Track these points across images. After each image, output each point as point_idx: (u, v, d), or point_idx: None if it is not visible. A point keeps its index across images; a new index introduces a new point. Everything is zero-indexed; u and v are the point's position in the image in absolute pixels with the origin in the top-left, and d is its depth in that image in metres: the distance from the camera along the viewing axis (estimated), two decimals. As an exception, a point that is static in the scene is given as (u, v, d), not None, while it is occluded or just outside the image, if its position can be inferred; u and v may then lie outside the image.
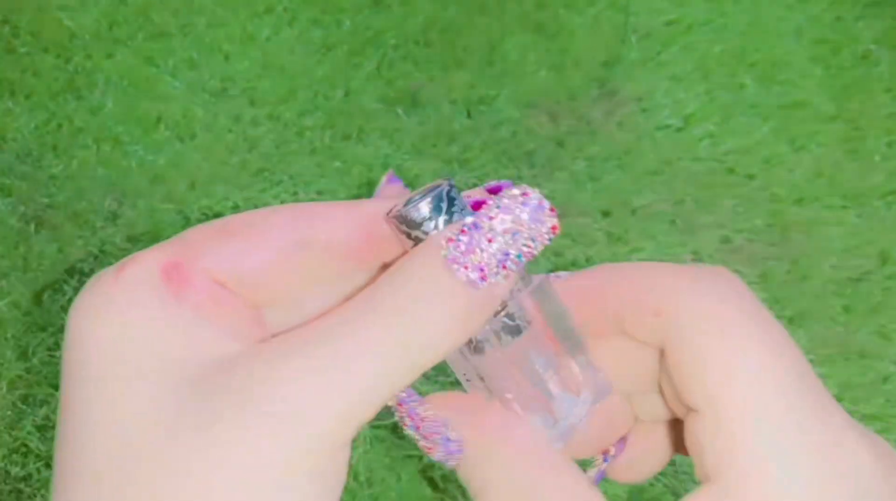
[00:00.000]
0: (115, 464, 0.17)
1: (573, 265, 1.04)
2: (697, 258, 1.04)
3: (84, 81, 1.14)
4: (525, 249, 0.19)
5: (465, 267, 0.19)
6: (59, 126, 1.11)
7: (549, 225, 0.20)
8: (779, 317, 0.86)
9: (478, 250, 0.19)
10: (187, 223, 1.05)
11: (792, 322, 0.98)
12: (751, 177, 1.09)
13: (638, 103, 1.15)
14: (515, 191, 0.20)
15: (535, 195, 0.19)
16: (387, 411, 0.22)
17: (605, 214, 1.07)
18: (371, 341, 0.18)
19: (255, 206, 0.22)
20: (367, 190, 1.08)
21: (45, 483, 0.91)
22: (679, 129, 1.13)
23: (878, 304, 1.00)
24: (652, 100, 1.15)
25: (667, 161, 1.11)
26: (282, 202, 1.08)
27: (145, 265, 0.20)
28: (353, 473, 0.91)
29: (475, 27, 1.21)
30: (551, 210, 0.20)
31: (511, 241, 0.19)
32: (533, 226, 0.19)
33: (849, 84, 1.16)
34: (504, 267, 0.19)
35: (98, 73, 1.14)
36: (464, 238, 0.19)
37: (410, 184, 1.08)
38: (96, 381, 0.18)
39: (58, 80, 1.14)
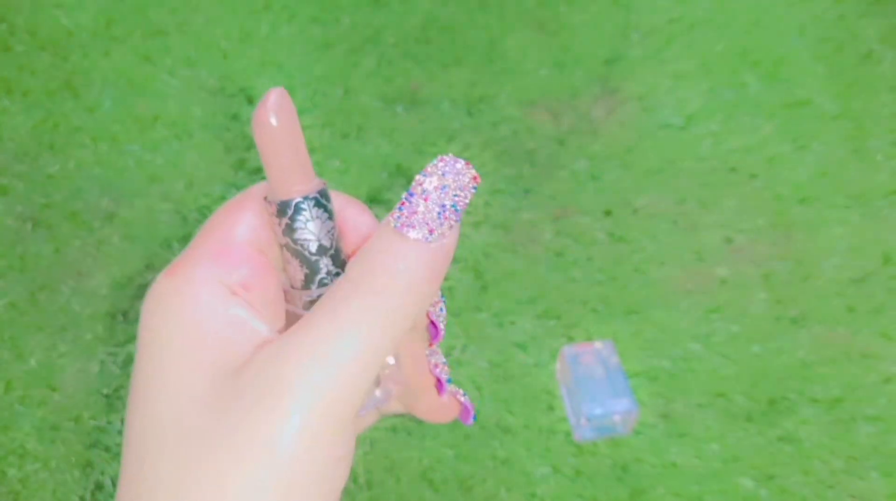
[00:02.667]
0: (169, 438, 0.22)
1: (574, 265, 1.03)
2: (700, 258, 1.03)
3: (81, 80, 1.13)
4: (457, 198, 0.23)
5: (412, 226, 0.23)
6: (56, 125, 1.10)
7: (470, 175, 0.23)
8: (782, 318, 0.85)
9: (418, 210, 0.23)
10: (185, 222, 1.04)
11: (795, 322, 0.98)
12: (753, 176, 1.09)
13: (640, 102, 1.14)
14: (434, 161, 0.24)
15: (449, 157, 0.23)
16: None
17: (607, 213, 1.06)
18: (356, 320, 0.22)
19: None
20: (366, 190, 1.07)
21: (43, 485, 0.91)
22: (681, 128, 1.12)
23: (881, 305, 0.99)
24: (654, 99, 1.14)
25: (669, 160, 1.10)
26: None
27: (197, 260, 0.24)
28: (352, 475, 0.91)
29: (475, 25, 1.21)
30: (467, 164, 0.23)
31: (443, 195, 0.23)
32: (457, 178, 0.23)
33: (852, 83, 1.16)
34: (445, 217, 0.23)
35: (95, 72, 1.14)
36: (404, 207, 0.23)
37: (409, 184, 1.07)
38: (162, 364, 0.23)
39: (55, 78, 1.13)
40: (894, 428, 0.92)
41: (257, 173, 1.08)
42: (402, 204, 0.23)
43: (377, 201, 1.05)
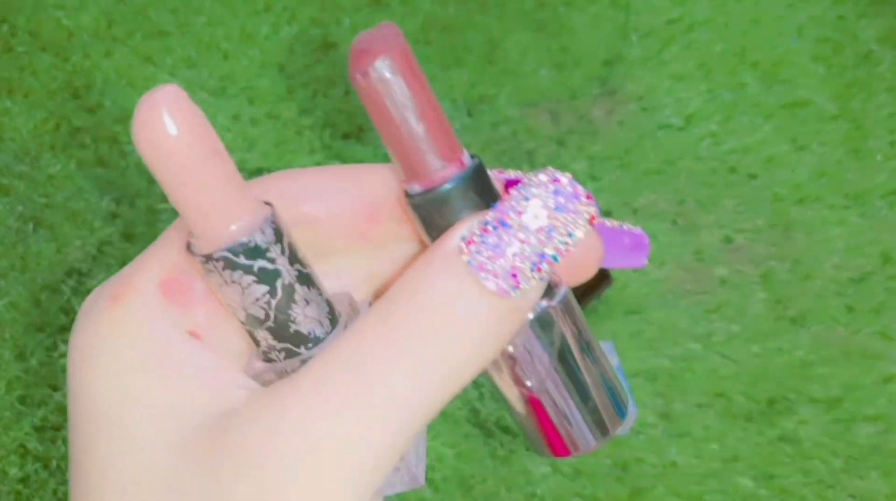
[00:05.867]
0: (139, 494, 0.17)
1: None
2: (699, 258, 1.03)
3: (82, 80, 1.13)
4: (562, 247, 0.16)
5: (495, 275, 0.16)
6: (57, 125, 1.10)
7: (587, 215, 0.16)
8: (781, 317, 0.85)
9: (509, 253, 0.16)
10: (186, 223, 1.04)
11: (794, 322, 0.98)
12: (752, 176, 1.09)
13: (639, 102, 1.15)
14: (543, 177, 0.16)
15: (567, 180, 0.16)
16: None
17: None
18: (387, 386, 0.15)
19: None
20: (366, 189, 1.08)
21: (44, 485, 0.91)
22: (680, 129, 1.13)
23: (880, 304, 0.99)
24: (653, 100, 1.15)
25: (668, 160, 1.10)
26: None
27: (144, 291, 0.18)
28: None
29: (475, 26, 1.21)
30: (588, 197, 0.16)
31: (546, 239, 0.16)
32: (569, 218, 0.16)
33: (851, 83, 1.16)
34: (539, 269, 0.16)
35: (96, 72, 1.14)
36: (490, 239, 0.16)
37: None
38: (106, 429, 0.17)
39: (56, 79, 1.13)
40: (894, 428, 0.92)
41: (258, 173, 1.08)
42: (486, 230, 0.16)
43: (377, 201, 1.06)
